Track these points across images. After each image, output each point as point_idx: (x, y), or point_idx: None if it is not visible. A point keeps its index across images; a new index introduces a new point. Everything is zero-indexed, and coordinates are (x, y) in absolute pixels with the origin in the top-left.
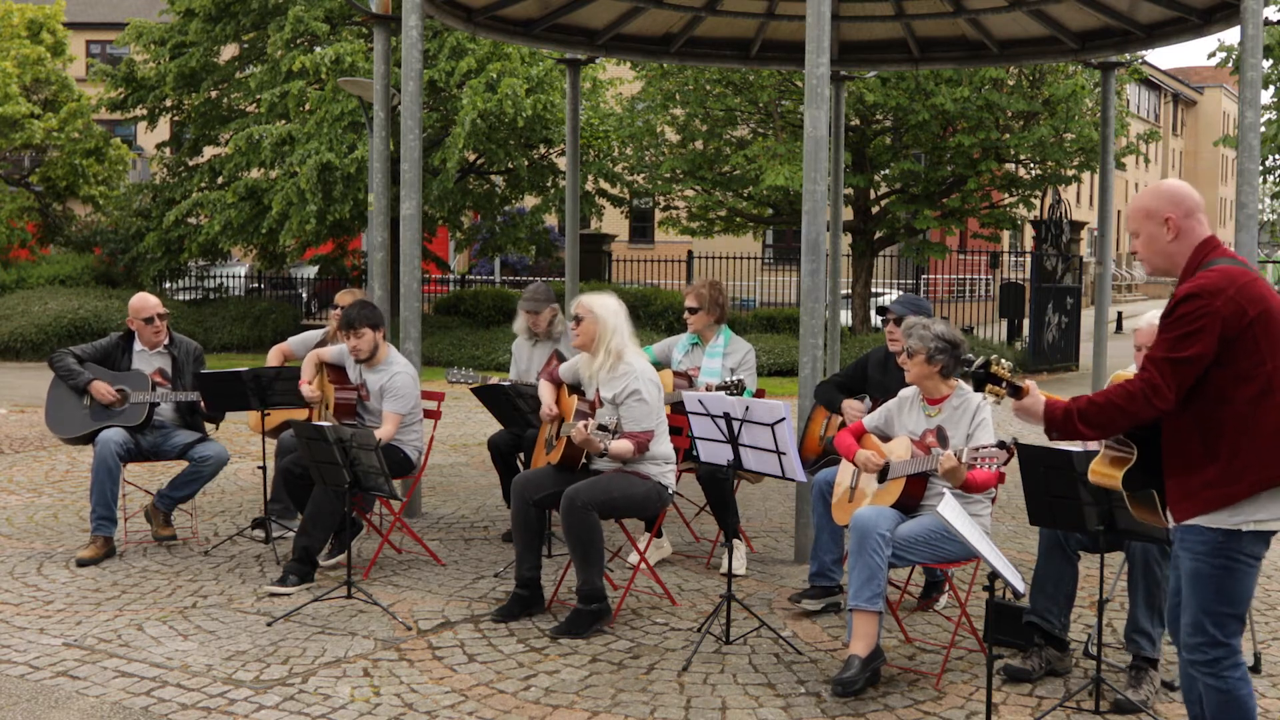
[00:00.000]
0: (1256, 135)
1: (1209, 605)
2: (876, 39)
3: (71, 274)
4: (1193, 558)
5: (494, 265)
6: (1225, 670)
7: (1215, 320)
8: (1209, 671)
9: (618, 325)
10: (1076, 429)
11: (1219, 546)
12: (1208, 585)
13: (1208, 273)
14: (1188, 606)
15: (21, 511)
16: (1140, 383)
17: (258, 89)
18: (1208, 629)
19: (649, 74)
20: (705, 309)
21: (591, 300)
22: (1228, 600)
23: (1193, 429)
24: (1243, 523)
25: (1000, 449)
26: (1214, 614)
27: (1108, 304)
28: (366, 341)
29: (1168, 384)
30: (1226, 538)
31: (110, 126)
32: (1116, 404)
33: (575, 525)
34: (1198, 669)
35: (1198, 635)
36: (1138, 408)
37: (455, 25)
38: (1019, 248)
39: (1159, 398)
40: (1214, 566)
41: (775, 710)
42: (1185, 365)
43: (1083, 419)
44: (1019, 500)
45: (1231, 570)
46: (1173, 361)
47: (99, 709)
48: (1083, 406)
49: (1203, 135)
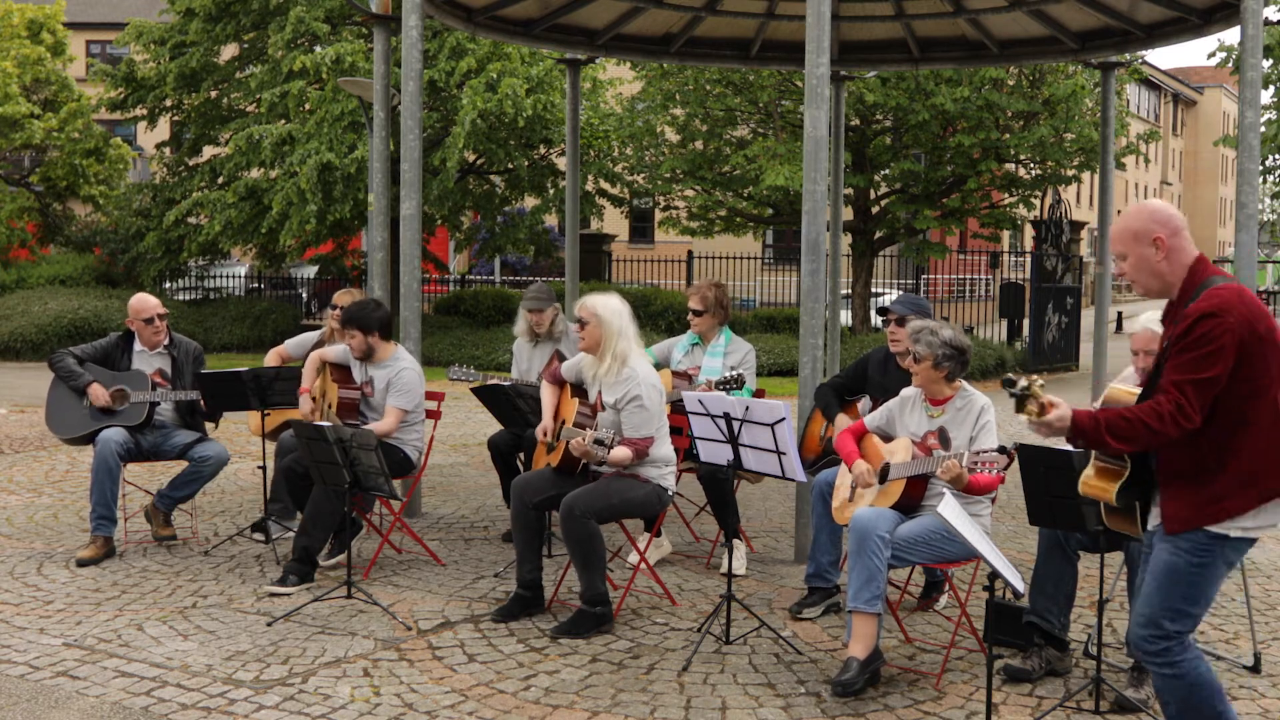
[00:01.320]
0: (1256, 135)
1: (1173, 601)
2: (876, 39)
3: (71, 274)
4: (1172, 552)
5: (494, 265)
6: (1176, 656)
7: (1233, 337)
8: (1162, 662)
9: (623, 328)
10: (1105, 439)
11: (1202, 546)
12: (1180, 581)
13: (1219, 291)
14: (1149, 600)
15: (21, 511)
16: (1170, 405)
17: (258, 89)
18: (1163, 624)
19: (649, 74)
20: (710, 311)
21: (595, 303)
22: (1194, 599)
23: (1203, 443)
24: (1232, 528)
25: (1001, 454)
26: (1175, 610)
27: (1108, 304)
28: (357, 342)
29: (1193, 405)
30: (1212, 540)
31: (110, 126)
32: (1146, 423)
33: (574, 533)
34: (1151, 660)
35: (1149, 628)
36: (1166, 428)
37: (455, 25)
38: (1019, 248)
39: (1186, 419)
40: (1192, 565)
41: (775, 710)
42: (1209, 385)
43: (1110, 431)
44: (1019, 500)
45: (1207, 571)
46: (1196, 383)
47: (99, 709)
48: (1111, 420)
49: (1203, 135)
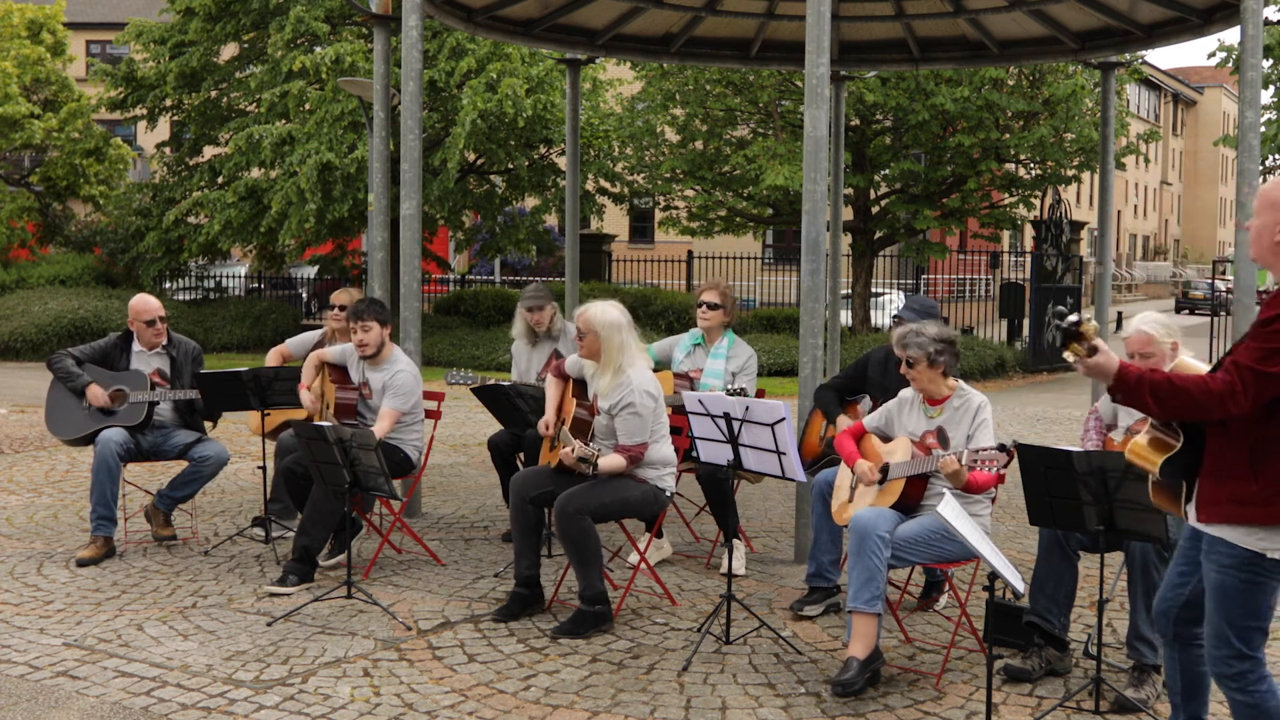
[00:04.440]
0: (1256, 135)
1: (1233, 618)
2: (876, 39)
3: (71, 274)
4: (1219, 570)
5: (494, 265)
6: (1252, 685)
7: None
8: (1236, 687)
9: (623, 342)
10: (1145, 399)
11: (1245, 563)
12: (1233, 598)
13: None
14: (1211, 619)
15: (21, 511)
16: (1223, 384)
17: (258, 89)
18: (1232, 642)
19: (649, 74)
20: (726, 308)
21: (594, 316)
22: (1252, 614)
23: (1243, 441)
24: (1268, 549)
25: (1000, 451)
26: (1238, 627)
27: (1108, 304)
28: (373, 335)
29: (1247, 392)
30: (1253, 558)
31: (110, 126)
32: (1192, 394)
33: (568, 531)
34: (1224, 683)
35: (1223, 648)
36: (1212, 404)
37: (455, 25)
38: (1019, 248)
39: (1235, 403)
40: (1241, 581)
41: (775, 710)
42: (1269, 380)
43: (1154, 392)
44: (1019, 500)
45: (1257, 585)
46: (1258, 374)
47: (99, 709)
48: (1158, 380)
49: (1203, 135)
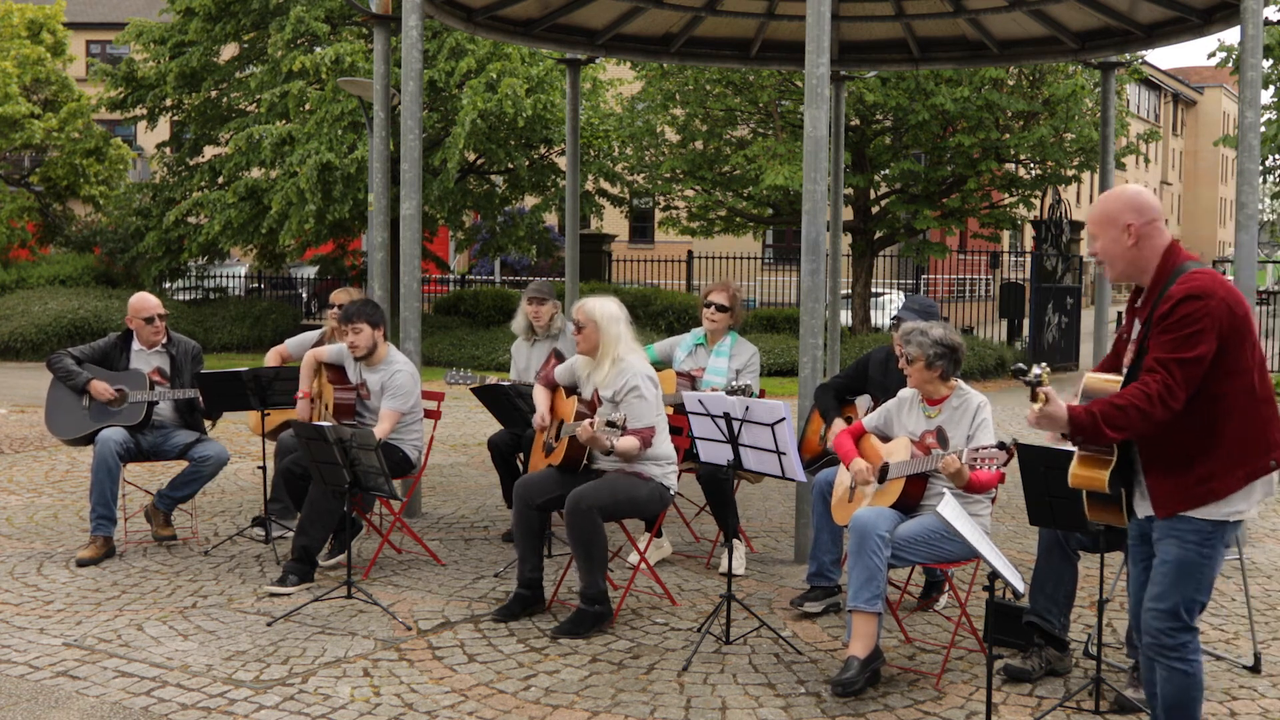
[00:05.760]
0: (1256, 135)
1: (1188, 592)
2: (876, 39)
3: (71, 274)
4: (1181, 546)
5: (494, 265)
6: (1191, 654)
7: (1214, 320)
8: (1178, 656)
9: (620, 334)
10: (1103, 432)
11: (1209, 536)
12: (1194, 573)
13: (1198, 275)
14: (1168, 595)
15: (21, 511)
16: (1157, 384)
17: (258, 89)
18: (1182, 616)
19: (649, 74)
20: (734, 311)
21: (592, 308)
22: (1205, 588)
23: (1185, 427)
24: (1230, 514)
25: (1000, 450)
26: (1192, 601)
27: (1108, 304)
28: (364, 337)
29: (1179, 385)
30: (1215, 528)
31: (110, 126)
32: (1138, 406)
33: (580, 527)
34: (1167, 654)
35: (1171, 621)
36: (1155, 409)
37: (455, 25)
38: (1019, 248)
39: (1173, 399)
40: (1203, 555)
41: (775, 710)
42: (1193, 365)
43: (1108, 423)
44: (1019, 500)
45: (1213, 559)
46: (1181, 362)
47: (99, 709)
48: (1105, 411)
49: (1203, 135)
